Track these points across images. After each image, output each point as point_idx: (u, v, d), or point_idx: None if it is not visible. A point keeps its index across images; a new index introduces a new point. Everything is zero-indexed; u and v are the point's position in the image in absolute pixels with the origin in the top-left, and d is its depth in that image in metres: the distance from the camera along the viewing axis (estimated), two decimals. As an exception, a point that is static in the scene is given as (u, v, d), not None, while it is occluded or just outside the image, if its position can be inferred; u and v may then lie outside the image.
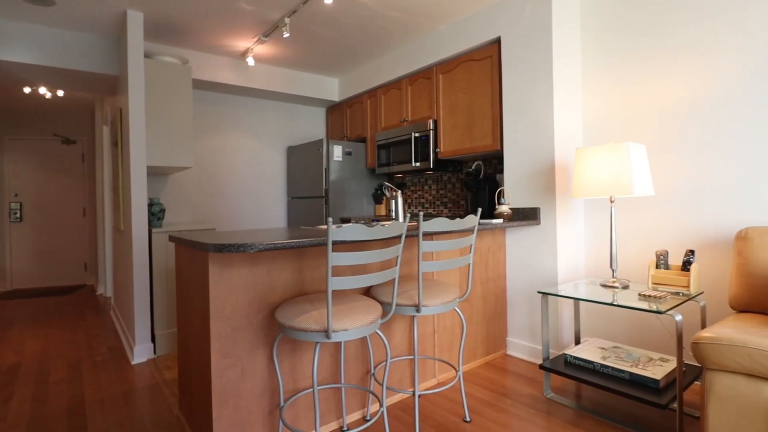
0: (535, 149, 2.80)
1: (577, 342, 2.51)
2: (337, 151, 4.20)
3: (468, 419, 2.03)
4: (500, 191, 3.08)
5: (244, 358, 1.78)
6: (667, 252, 2.24)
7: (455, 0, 3.03)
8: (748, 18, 2.19)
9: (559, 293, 2.17)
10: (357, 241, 1.88)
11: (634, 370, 1.98)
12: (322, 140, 4.16)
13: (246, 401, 1.77)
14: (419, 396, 2.29)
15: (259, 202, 4.66)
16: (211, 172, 4.36)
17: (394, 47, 3.91)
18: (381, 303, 1.89)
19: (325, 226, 2.64)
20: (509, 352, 2.92)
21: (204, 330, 1.75)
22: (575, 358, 2.18)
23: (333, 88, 4.82)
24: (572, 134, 2.83)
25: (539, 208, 2.76)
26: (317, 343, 1.56)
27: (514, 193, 2.93)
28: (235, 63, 4.14)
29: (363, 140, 4.52)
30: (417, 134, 3.68)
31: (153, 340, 3.11)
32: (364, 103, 4.43)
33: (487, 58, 3.18)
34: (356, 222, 3.71)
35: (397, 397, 2.26)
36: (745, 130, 2.21)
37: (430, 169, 3.63)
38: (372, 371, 2.08)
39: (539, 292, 2.26)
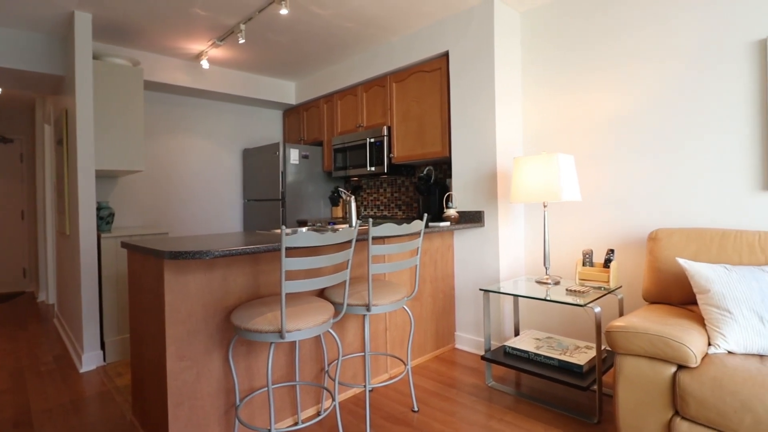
0: (480, 156, 3.01)
1: (517, 334, 2.73)
2: (294, 155, 4.26)
3: (416, 409, 2.19)
4: (448, 196, 3.28)
5: (200, 360, 1.83)
6: (592, 251, 2.51)
7: (405, 15, 3.19)
8: (660, 42, 2.50)
9: (499, 290, 2.38)
10: (310, 247, 1.98)
11: (562, 357, 2.21)
12: (278, 143, 4.20)
13: (202, 402, 1.83)
14: (372, 390, 2.43)
15: (213, 205, 4.63)
16: (164, 174, 4.29)
17: (350, 55, 4.03)
18: (334, 303, 2.00)
19: (287, 229, 2.72)
20: (458, 345, 3.12)
21: (159, 334, 1.79)
22: (513, 348, 2.39)
23: (290, 92, 4.87)
24: (513, 143, 3.06)
25: (483, 212, 2.98)
26: (272, 343, 1.65)
27: (461, 198, 3.13)
28: (190, 65, 4.10)
29: (320, 144, 4.60)
30: (372, 139, 3.81)
31: (102, 347, 3.05)
32: (321, 107, 4.52)
33: (437, 70, 3.36)
34: (313, 224, 3.80)
35: (350, 392, 2.38)
36: (656, 143, 2.51)
37: (384, 173, 3.78)
38: (326, 368, 2.19)
39: (481, 290, 2.45)
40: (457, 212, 3.07)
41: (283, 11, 2.90)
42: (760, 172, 2.19)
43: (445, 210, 3.03)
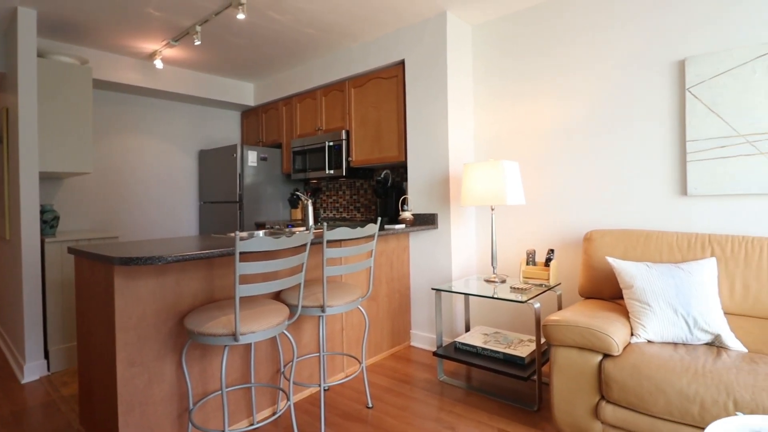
0: (433, 161, 3.14)
1: (468, 330, 2.88)
2: (252, 157, 4.24)
3: (370, 405, 2.27)
4: (403, 199, 3.39)
5: (151, 365, 1.83)
6: (535, 251, 2.69)
7: (363, 23, 3.27)
8: (596, 57, 2.72)
9: (449, 289, 2.50)
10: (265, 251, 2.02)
11: (507, 350, 2.37)
12: (236, 145, 4.17)
13: (154, 407, 1.83)
14: (327, 389, 2.49)
15: (168, 208, 4.52)
16: (116, 176, 4.15)
17: (310, 59, 4.06)
18: (289, 305, 2.05)
19: (242, 233, 2.72)
20: (413, 343, 3.23)
21: (109, 341, 1.77)
22: (463, 344, 2.53)
23: (248, 93, 4.83)
24: (465, 148, 3.22)
25: (437, 214, 3.11)
26: (225, 346, 1.68)
27: (416, 201, 3.24)
28: (143, 64, 3.99)
29: (279, 146, 4.60)
30: (331, 143, 3.87)
31: (46, 356, 2.93)
32: (280, 109, 4.52)
33: (394, 77, 3.47)
34: (271, 227, 3.81)
35: (307, 392, 2.43)
36: (593, 151, 2.73)
37: (343, 176, 3.84)
38: (282, 369, 2.23)
39: (433, 289, 2.57)
40: (412, 215, 3.19)
41: (240, 16, 2.91)
42: (678, 180, 2.44)
43: (400, 213, 3.14)
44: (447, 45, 3.08)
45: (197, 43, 3.28)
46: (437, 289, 2.55)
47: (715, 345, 1.88)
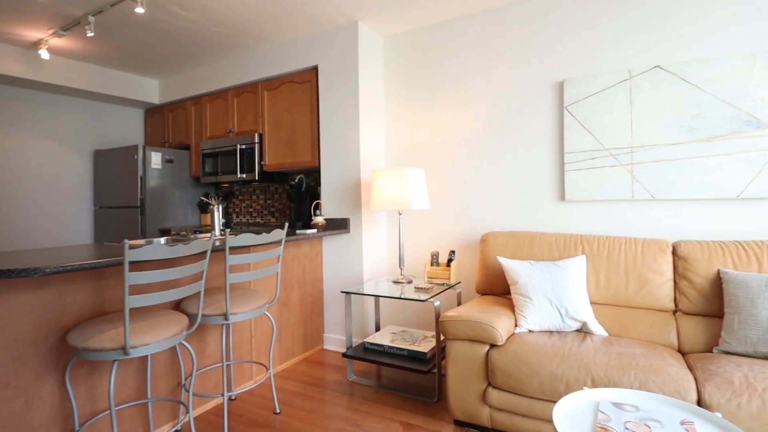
0: (346, 167, 3.21)
1: (378, 330, 2.99)
2: (156, 158, 4.00)
3: (278, 411, 2.27)
4: (316, 203, 3.43)
5: (29, 387, 1.67)
6: (438, 252, 2.88)
7: (276, 27, 3.25)
8: (491, 72, 2.98)
9: (357, 292, 2.59)
10: (161, 259, 1.94)
11: (411, 347, 2.51)
12: (137, 145, 3.90)
13: (31, 433, 1.67)
14: (234, 398, 2.44)
15: (55, 214, 4.08)
16: (-12, 177, 3.67)
17: (221, 58, 3.93)
18: (189, 315, 1.99)
19: (139, 241, 2.57)
20: (326, 346, 3.27)
21: (-27, 363, 1.59)
22: (371, 344, 2.63)
23: (153, 90, 4.54)
24: (377, 155, 3.34)
25: (349, 219, 3.19)
26: (114, 361, 1.60)
27: (329, 205, 3.30)
28: (25, 54, 3.58)
29: (187, 147, 4.39)
30: (243, 146, 3.78)
31: None
32: (189, 109, 4.31)
33: (308, 82, 3.49)
34: (177, 233, 3.62)
35: (212, 403, 2.37)
36: (490, 160, 2.98)
37: (256, 180, 3.77)
38: (183, 382, 2.15)
39: (342, 292, 2.64)
40: (325, 219, 3.24)
41: (139, 9, 2.75)
42: (558, 187, 2.76)
43: (313, 218, 3.17)
44: (359, 53, 3.18)
45: (90, 34, 3.03)
46: (346, 292, 2.63)
47: (583, 331, 2.17)
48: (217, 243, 2.21)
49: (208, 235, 2.85)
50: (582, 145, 2.68)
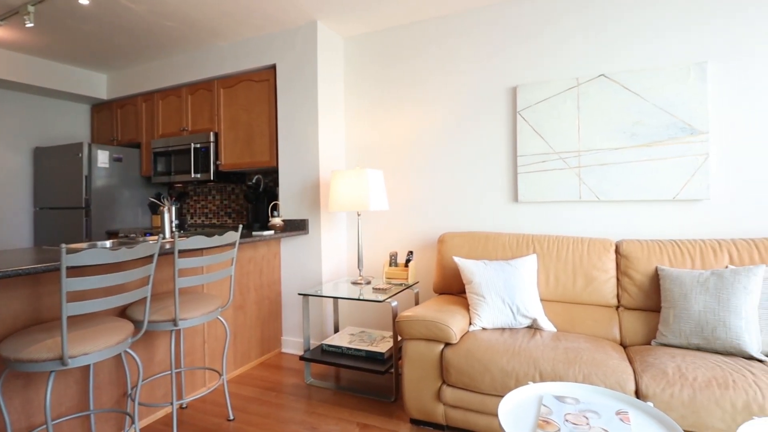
0: (304, 167, 3.18)
1: (336, 331, 2.98)
2: (103, 156, 3.80)
3: (231, 417, 2.22)
4: (274, 205, 3.37)
5: (-49, 404, 1.55)
6: (397, 253, 2.90)
7: (232, 23, 3.17)
8: (449, 76, 3.04)
9: (314, 293, 2.57)
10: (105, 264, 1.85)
11: (369, 348, 2.51)
12: (82, 143, 3.69)
13: (-45, 453, 1.55)
14: (186, 406, 2.36)
15: (-9, 214, 3.80)
16: None
17: (175, 53, 3.79)
18: (135, 321, 1.90)
19: (81, 244, 2.44)
20: (284, 349, 3.22)
21: None
22: (329, 345, 2.61)
23: (100, 85, 4.31)
24: (337, 156, 3.32)
25: (308, 220, 3.15)
26: (51, 372, 1.50)
27: (288, 206, 3.25)
28: (-51, 41, 3.30)
29: (137, 146, 4.19)
30: (197, 145, 3.66)
31: None
32: (139, 105, 4.12)
33: (266, 81, 3.42)
34: (126, 235, 3.46)
35: (161, 412, 2.27)
36: (448, 161, 3.04)
37: (212, 180, 3.66)
38: (129, 391, 2.06)
39: (299, 294, 2.61)
40: (283, 221, 3.19)
41: (83, 1, 2.61)
42: (512, 189, 2.85)
43: (270, 219, 3.11)
44: (318, 53, 3.15)
45: (29, 25, 2.84)
46: (303, 294, 2.60)
47: (534, 327, 2.25)
48: (168, 246, 2.13)
49: (156, 237, 2.73)
50: (534, 149, 2.78)
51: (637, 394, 1.70)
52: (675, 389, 1.64)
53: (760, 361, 1.80)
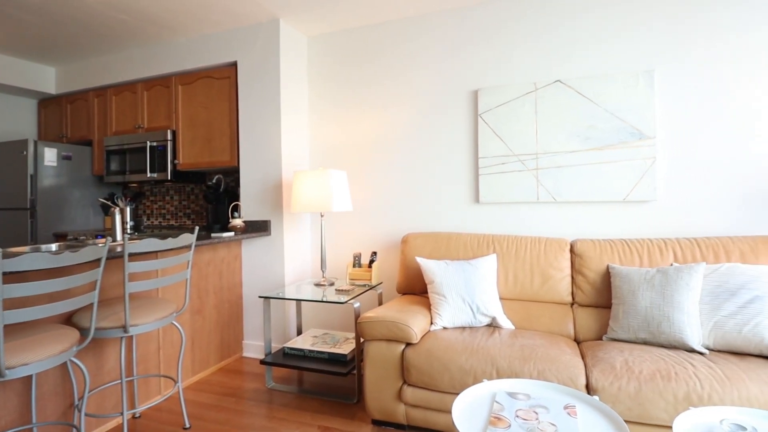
0: (267, 167, 3.12)
1: (300, 334, 2.94)
2: (50, 155, 3.59)
3: (187, 426, 2.14)
4: (234, 205, 3.29)
5: None
6: (361, 254, 2.90)
7: (190, 18, 3.07)
8: (412, 78, 3.06)
9: (276, 296, 2.52)
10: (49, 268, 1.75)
11: (331, 350, 2.49)
12: (27, 140, 3.47)
13: None
14: (139, 415, 2.26)
15: (-77, 216, 3.51)
16: None
17: (129, 47, 3.63)
18: (82, 329, 1.81)
19: (23, 248, 2.29)
20: (245, 354, 3.15)
21: None
22: (291, 348, 2.58)
23: (48, 79, 4.07)
24: (300, 156, 3.28)
25: (270, 221, 3.10)
26: (-16, 384, 1.41)
27: (249, 207, 3.18)
28: None
29: (89, 143, 3.99)
30: (154, 143, 3.52)
31: None
32: (91, 101, 3.92)
33: (226, 78, 3.33)
34: (75, 237, 3.28)
35: (112, 423, 2.17)
36: (412, 162, 3.06)
37: (170, 180, 3.53)
38: (76, 403, 1.95)
39: (260, 297, 2.56)
40: (244, 222, 3.12)
41: (23, -13, 2.45)
42: (473, 190, 2.91)
43: (231, 220, 3.03)
44: (281, 52, 3.10)
45: (-37, 12, 2.65)
46: (264, 297, 2.55)
47: (493, 325, 2.30)
48: (119, 249, 2.04)
49: (104, 240, 2.61)
50: (494, 151, 2.84)
51: (588, 387, 1.77)
52: (622, 382, 1.71)
53: (701, 353, 1.91)
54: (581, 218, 2.67)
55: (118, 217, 2.36)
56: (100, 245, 1.72)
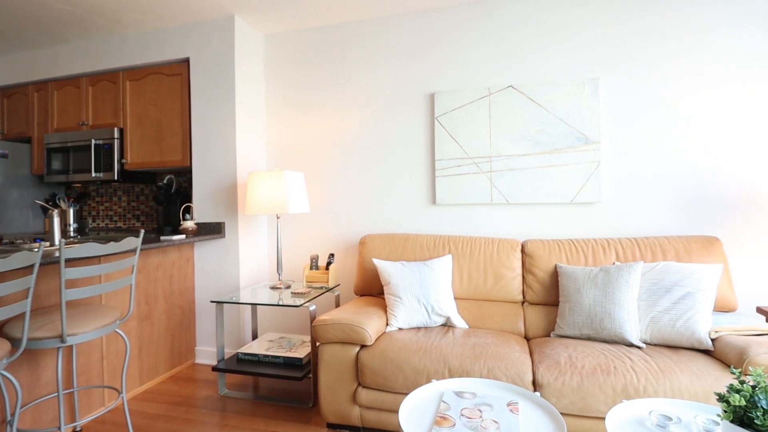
0: (221, 168, 3.03)
1: (255, 338, 2.88)
2: (-17, 153, 3.33)
3: (133, 438, 2.06)
4: (185, 207, 3.18)
5: None
6: (318, 256, 2.88)
7: (138, 10, 2.93)
8: (369, 81, 3.06)
9: (229, 300, 2.46)
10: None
11: (287, 354, 2.46)
12: (-44, 137, 3.21)
13: None
14: (81, 429, 2.14)
15: None
16: None
17: (72, 40, 3.42)
18: (13, 339, 1.69)
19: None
20: (198, 360, 3.05)
21: None
22: (245, 354, 2.52)
23: (-20, 70, 3.78)
24: (257, 156, 3.21)
25: (224, 223, 3.01)
26: None
27: (202, 209, 3.08)
28: None
29: (28, 140, 3.74)
30: (99, 141, 3.34)
31: None
32: (30, 95, 3.68)
33: (177, 75, 3.21)
34: (11, 242, 3.07)
35: (48, 439, 2.05)
36: (369, 163, 3.07)
37: (117, 180, 3.36)
38: (8, 418, 1.82)
39: (212, 302, 2.48)
40: (197, 224, 3.02)
41: (-53, -29, 2.26)
42: (430, 192, 2.95)
43: (182, 222, 2.93)
44: (236, 49, 3.02)
45: None
46: (217, 302, 2.48)
47: (447, 325, 2.34)
48: (57, 254, 1.92)
49: (37, 245, 2.46)
50: (450, 153, 2.90)
51: (534, 383, 1.84)
52: (566, 377, 1.79)
53: (639, 347, 2.02)
54: (532, 219, 2.76)
55: (56, 220, 2.22)
56: (35, 250, 1.61)
